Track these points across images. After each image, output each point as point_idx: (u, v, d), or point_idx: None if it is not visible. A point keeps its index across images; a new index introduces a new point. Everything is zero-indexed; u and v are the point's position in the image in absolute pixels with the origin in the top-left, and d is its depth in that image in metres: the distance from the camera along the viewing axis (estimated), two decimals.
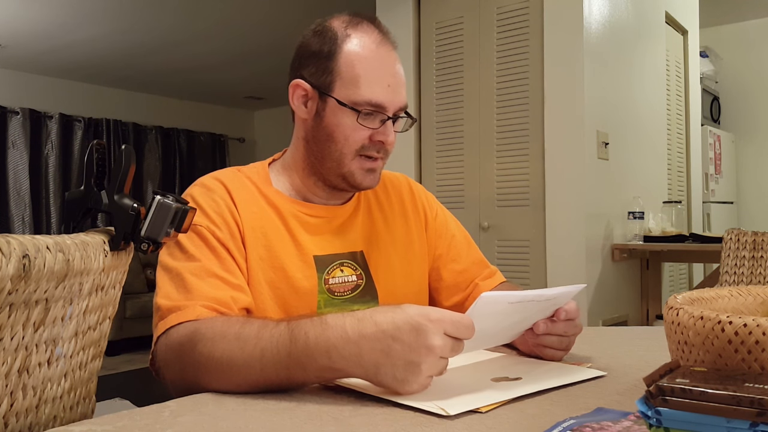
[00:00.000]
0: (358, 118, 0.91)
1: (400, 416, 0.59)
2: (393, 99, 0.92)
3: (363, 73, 0.91)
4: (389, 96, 0.91)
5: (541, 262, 2.81)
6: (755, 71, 4.83)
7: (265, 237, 0.90)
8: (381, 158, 0.94)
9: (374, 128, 0.92)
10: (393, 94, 0.92)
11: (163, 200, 0.62)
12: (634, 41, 3.20)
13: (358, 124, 0.91)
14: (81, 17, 4.24)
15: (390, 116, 0.92)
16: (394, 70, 0.93)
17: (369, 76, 0.91)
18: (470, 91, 3.04)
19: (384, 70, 0.92)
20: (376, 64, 0.92)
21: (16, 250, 0.51)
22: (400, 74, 0.95)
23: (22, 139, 5.43)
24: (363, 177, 0.93)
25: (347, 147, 0.92)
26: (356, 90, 0.90)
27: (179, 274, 0.83)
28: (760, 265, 1.95)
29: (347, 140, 0.92)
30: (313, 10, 4.22)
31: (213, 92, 6.40)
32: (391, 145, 0.93)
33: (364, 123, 0.91)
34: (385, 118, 0.92)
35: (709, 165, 4.26)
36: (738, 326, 0.50)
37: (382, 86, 0.91)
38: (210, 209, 0.88)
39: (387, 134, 0.92)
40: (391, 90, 0.92)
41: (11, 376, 0.55)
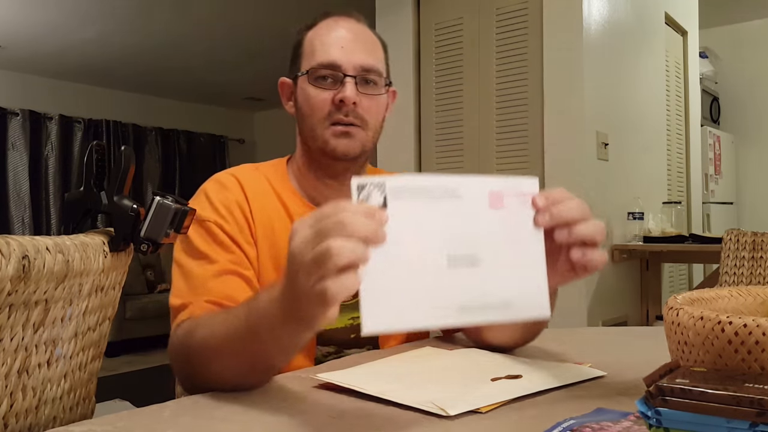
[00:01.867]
0: (316, 82, 0.93)
1: (400, 416, 0.59)
2: (348, 57, 0.92)
3: (318, 43, 0.95)
4: (343, 55, 0.92)
5: None
6: (755, 72, 4.83)
7: (273, 235, 0.92)
8: (354, 124, 0.93)
9: (334, 90, 0.92)
10: (348, 54, 0.93)
11: (162, 201, 0.62)
12: (634, 42, 3.20)
13: (317, 89, 0.93)
14: (80, 18, 4.24)
15: (348, 74, 0.92)
16: (350, 34, 0.95)
17: (323, 43, 0.94)
18: (470, 91, 3.04)
19: (337, 33, 0.94)
20: (331, 32, 0.95)
21: (15, 251, 0.51)
22: (359, 38, 0.95)
23: (21, 140, 5.43)
24: (336, 142, 0.93)
25: (315, 116, 0.93)
26: (312, 58, 0.94)
27: (188, 272, 0.85)
28: (760, 265, 1.95)
29: (313, 109, 0.93)
30: (312, 12, 4.21)
31: (213, 93, 6.40)
32: (349, 101, 0.91)
33: (323, 86, 0.93)
34: (342, 77, 0.92)
35: (709, 165, 4.26)
36: (738, 326, 0.50)
37: (335, 48, 0.93)
38: (219, 203, 0.90)
39: (343, 91, 0.91)
40: (346, 50, 0.93)
41: (11, 376, 0.55)
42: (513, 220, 0.62)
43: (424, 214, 0.58)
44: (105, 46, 4.82)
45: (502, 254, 0.62)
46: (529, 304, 0.63)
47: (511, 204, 0.62)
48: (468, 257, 0.59)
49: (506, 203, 0.62)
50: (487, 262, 0.60)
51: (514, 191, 0.63)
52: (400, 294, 0.56)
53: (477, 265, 0.60)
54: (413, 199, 0.57)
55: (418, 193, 0.58)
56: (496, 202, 0.62)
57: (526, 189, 0.64)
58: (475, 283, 0.60)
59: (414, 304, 0.56)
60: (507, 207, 0.62)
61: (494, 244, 0.61)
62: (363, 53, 0.94)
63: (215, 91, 6.29)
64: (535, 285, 0.63)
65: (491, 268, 0.60)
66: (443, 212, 0.59)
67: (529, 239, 0.63)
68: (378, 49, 0.98)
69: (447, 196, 0.59)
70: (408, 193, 0.57)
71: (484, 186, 0.62)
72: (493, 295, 0.61)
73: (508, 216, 0.62)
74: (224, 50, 4.95)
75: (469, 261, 0.60)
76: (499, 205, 0.62)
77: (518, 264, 0.62)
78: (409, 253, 0.57)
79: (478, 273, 0.60)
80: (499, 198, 0.62)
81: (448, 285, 0.58)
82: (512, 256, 0.62)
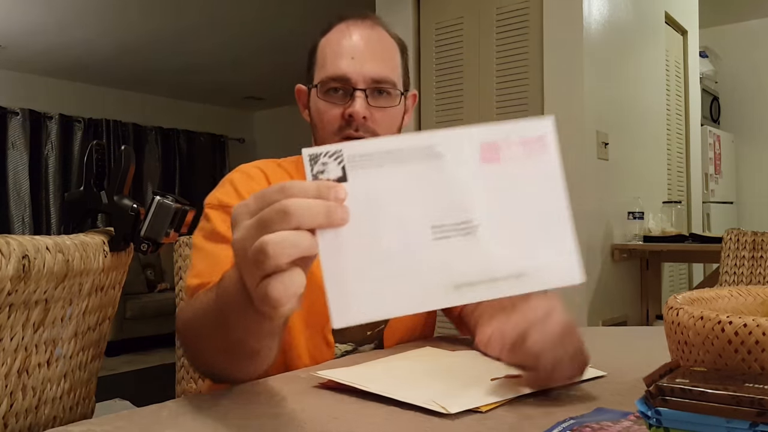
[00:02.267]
0: (326, 96, 0.91)
1: (401, 415, 0.59)
2: (359, 69, 0.90)
3: (329, 52, 0.92)
4: (353, 67, 0.90)
5: None
6: (755, 71, 4.83)
7: None
8: (365, 137, 0.89)
9: (344, 104, 0.90)
10: (358, 65, 0.90)
11: (162, 201, 0.62)
12: (634, 41, 3.20)
13: (328, 103, 0.91)
14: (80, 17, 4.24)
15: (358, 88, 0.90)
16: (362, 42, 0.92)
17: (333, 53, 0.91)
18: (470, 91, 3.04)
19: (348, 42, 0.91)
20: (342, 41, 0.92)
21: (15, 250, 0.51)
22: (371, 46, 0.92)
23: (21, 139, 5.42)
24: None
25: (326, 130, 0.92)
26: (323, 70, 0.92)
27: (209, 253, 0.85)
28: (760, 265, 1.95)
29: (324, 123, 0.92)
30: (313, 10, 4.22)
31: (213, 93, 6.40)
32: (358, 116, 0.89)
33: (333, 100, 0.91)
34: (351, 91, 0.90)
35: (709, 165, 4.26)
36: (738, 326, 0.50)
37: (345, 59, 0.90)
38: (245, 192, 0.91)
39: (353, 106, 0.89)
40: (356, 61, 0.90)
41: (11, 376, 0.55)
42: (518, 174, 0.51)
43: (395, 183, 0.48)
44: (105, 46, 4.82)
45: (507, 216, 0.50)
46: (551, 269, 0.51)
47: (513, 155, 0.51)
48: (459, 225, 0.49)
49: (506, 155, 0.51)
50: (486, 228, 0.49)
51: (517, 138, 0.51)
52: (374, 278, 0.48)
53: (473, 233, 0.49)
54: (380, 166, 0.48)
55: (386, 159, 0.48)
56: (490, 155, 0.50)
57: (533, 133, 0.52)
58: (472, 255, 0.49)
59: (394, 287, 0.48)
60: (508, 159, 0.51)
61: (494, 205, 0.50)
62: (375, 63, 0.91)
63: (215, 90, 6.29)
64: (557, 245, 0.51)
65: (493, 234, 0.49)
66: (420, 177, 0.49)
67: (545, 192, 0.51)
68: (393, 56, 0.95)
69: (422, 156, 0.49)
70: (372, 159, 0.48)
71: (471, 138, 0.50)
72: (500, 264, 0.50)
73: (510, 170, 0.51)
74: (224, 49, 4.95)
75: (462, 230, 0.49)
76: (495, 158, 0.51)
77: (531, 225, 0.51)
78: (381, 229, 0.48)
79: (475, 242, 0.49)
80: (494, 150, 0.51)
81: (436, 261, 0.48)
82: (522, 217, 0.51)
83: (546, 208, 0.51)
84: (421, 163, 0.49)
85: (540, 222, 0.51)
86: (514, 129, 0.51)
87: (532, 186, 0.51)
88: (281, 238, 0.44)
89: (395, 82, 0.93)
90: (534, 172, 0.51)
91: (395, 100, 0.93)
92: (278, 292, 0.44)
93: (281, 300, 0.44)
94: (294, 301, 0.45)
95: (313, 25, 1.05)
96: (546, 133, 0.52)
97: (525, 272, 0.50)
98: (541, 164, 0.52)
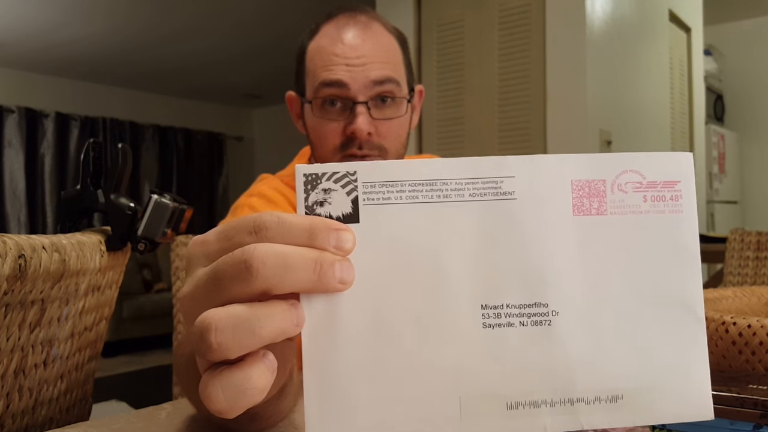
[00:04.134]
0: (323, 112, 0.81)
1: None
2: (356, 76, 0.79)
3: (320, 61, 0.81)
4: (349, 75, 0.79)
5: None
6: (759, 69, 4.81)
7: None
8: (371, 154, 0.80)
9: (343, 119, 0.80)
10: (355, 72, 0.79)
11: (159, 200, 0.62)
12: (638, 39, 3.18)
13: (324, 120, 0.81)
14: (77, 14, 4.24)
15: (358, 101, 0.79)
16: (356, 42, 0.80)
17: (325, 62, 0.80)
18: (472, 89, 3.03)
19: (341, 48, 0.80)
20: (335, 45, 0.80)
21: (11, 250, 0.51)
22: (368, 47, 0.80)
23: (17, 138, 5.42)
24: None
25: (325, 148, 0.82)
26: (315, 80, 0.81)
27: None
28: (765, 265, 1.94)
29: (322, 141, 0.82)
30: (312, 7, 4.22)
31: (211, 90, 6.39)
32: (362, 134, 0.78)
33: (331, 116, 0.80)
34: (351, 104, 0.79)
35: (713, 164, 4.24)
36: (742, 327, 0.50)
37: (340, 67, 0.79)
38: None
39: (354, 122, 0.79)
40: (352, 68, 0.79)
41: (7, 377, 0.55)
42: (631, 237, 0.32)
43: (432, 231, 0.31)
44: (101, 43, 4.82)
45: (606, 303, 0.32)
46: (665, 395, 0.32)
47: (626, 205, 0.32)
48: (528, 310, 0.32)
49: (615, 204, 0.32)
50: (570, 319, 0.32)
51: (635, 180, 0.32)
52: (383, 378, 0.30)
53: (547, 323, 0.31)
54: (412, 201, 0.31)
55: (421, 192, 0.31)
56: (588, 202, 0.32)
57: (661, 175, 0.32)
58: (542, 357, 0.31)
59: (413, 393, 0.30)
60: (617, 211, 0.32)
61: (587, 283, 0.32)
62: (374, 65, 0.80)
63: (213, 88, 6.28)
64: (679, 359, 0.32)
65: (580, 330, 0.32)
66: (473, 226, 0.31)
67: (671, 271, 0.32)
68: (394, 52, 0.84)
69: (481, 194, 0.31)
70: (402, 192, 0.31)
71: (560, 171, 0.32)
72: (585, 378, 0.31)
73: (618, 229, 0.32)
74: (222, 47, 4.95)
75: (532, 317, 0.31)
76: (598, 207, 0.32)
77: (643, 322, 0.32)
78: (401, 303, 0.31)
79: (550, 338, 0.31)
80: (595, 193, 0.32)
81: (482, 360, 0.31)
82: (629, 307, 0.32)
83: (669, 295, 0.32)
84: (478, 205, 0.31)
85: (657, 317, 0.32)
86: (632, 163, 0.32)
87: (650, 257, 0.32)
88: (233, 318, 0.27)
89: (399, 80, 0.83)
90: (656, 236, 0.32)
91: (402, 108, 0.83)
92: (217, 400, 0.28)
93: (221, 412, 0.28)
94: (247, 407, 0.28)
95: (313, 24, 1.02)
96: (683, 176, 0.32)
97: (624, 394, 0.32)
98: (669, 225, 0.32)
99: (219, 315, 0.28)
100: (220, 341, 0.27)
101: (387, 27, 0.87)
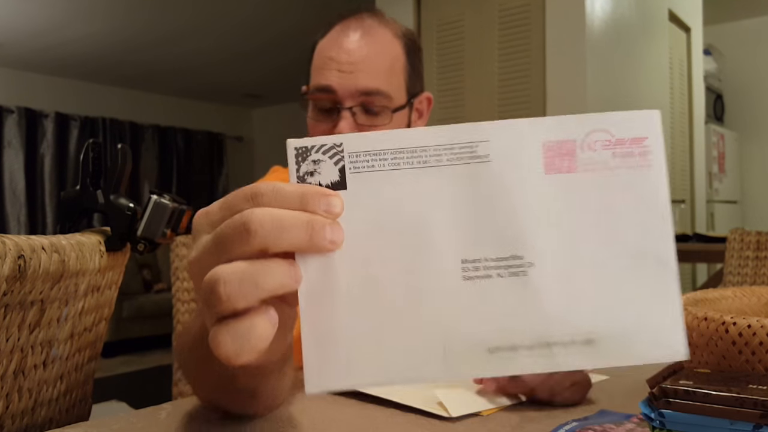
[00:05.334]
0: (315, 112, 0.85)
1: (401, 417, 0.58)
2: (344, 83, 0.82)
3: (319, 62, 0.85)
4: (339, 81, 0.82)
5: None
6: (759, 69, 4.81)
7: None
8: None
9: (331, 121, 0.84)
10: (344, 79, 0.82)
11: (159, 200, 0.62)
12: (637, 39, 3.18)
13: (315, 121, 0.85)
14: (77, 14, 4.24)
15: (344, 107, 0.82)
16: (354, 47, 0.83)
17: (322, 63, 0.84)
18: (472, 89, 3.03)
19: (337, 53, 0.83)
20: (332, 49, 0.84)
21: (11, 250, 0.51)
22: (364, 54, 0.83)
23: (17, 138, 5.43)
24: None
25: None
26: (313, 79, 0.85)
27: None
28: (764, 265, 1.94)
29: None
30: (312, 7, 4.22)
31: (210, 90, 6.40)
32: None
33: (321, 117, 0.85)
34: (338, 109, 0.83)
35: (713, 164, 4.25)
36: (742, 327, 0.50)
37: (333, 72, 0.82)
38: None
39: (339, 127, 0.82)
40: (343, 75, 0.82)
41: (6, 378, 0.55)
42: (601, 191, 0.34)
43: (415, 194, 0.34)
44: (101, 43, 4.82)
45: (579, 253, 0.34)
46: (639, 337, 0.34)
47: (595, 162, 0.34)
48: (504, 262, 0.34)
49: (585, 162, 0.34)
50: (544, 268, 0.34)
51: (604, 139, 0.34)
52: (374, 330, 0.33)
53: (523, 274, 0.34)
54: (395, 169, 0.34)
55: (404, 160, 0.34)
56: (560, 162, 0.34)
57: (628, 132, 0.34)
58: (520, 305, 0.34)
59: (402, 343, 0.33)
60: (588, 168, 0.34)
61: (560, 236, 0.34)
62: (364, 75, 0.82)
63: (213, 88, 6.28)
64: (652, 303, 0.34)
65: (554, 278, 0.34)
66: (452, 188, 0.34)
67: (641, 223, 0.34)
68: (391, 61, 0.85)
69: (457, 158, 0.34)
70: (385, 160, 0.34)
71: (532, 134, 0.34)
72: (560, 323, 0.34)
73: (589, 184, 0.34)
74: (222, 47, 4.95)
75: (508, 268, 0.34)
76: (568, 166, 0.34)
77: (615, 269, 0.34)
78: (388, 260, 0.33)
79: (526, 287, 0.34)
80: (567, 154, 0.34)
81: (464, 310, 0.33)
82: (601, 256, 0.34)
83: (641, 246, 0.34)
84: (455, 169, 0.34)
85: (629, 266, 0.34)
86: (600, 123, 0.34)
87: (621, 211, 0.34)
88: (239, 272, 0.31)
89: (389, 94, 0.84)
90: (626, 190, 0.34)
91: (386, 118, 0.84)
92: (226, 346, 0.31)
93: (229, 357, 0.31)
94: (253, 355, 0.32)
95: (313, 23, 1.03)
96: (650, 133, 0.34)
97: (597, 338, 0.34)
98: (638, 179, 0.34)
99: (226, 270, 0.32)
100: (228, 292, 0.31)
101: (396, 32, 0.88)
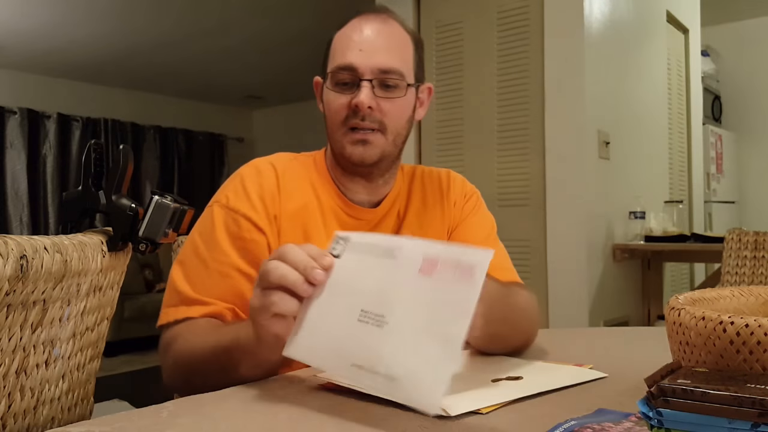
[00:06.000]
0: (335, 86, 0.93)
1: (402, 416, 0.59)
2: (365, 60, 0.91)
3: (339, 45, 0.94)
4: (360, 58, 0.91)
5: (542, 263, 2.80)
6: (756, 70, 4.82)
7: (303, 231, 0.93)
8: (371, 128, 0.92)
9: (351, 94, 0.92)
10: (366, 57, 0.91)
11: (161, 200, 0.62)
12: (635, 40, 3.19)
13: (336, 93, 0.93)
14: (79, 16, 4.24)
15: (364, 78, 0.91)
16: (372, 34, 0.93)
17: (343, 45, 0.94)
18: (470, 90, 3.03)
19: (359, 35, 0.93)
20: (353, 34, 0.94)
21: (13, 250, 0.51)
22: (381, 39, 0.94)
23: (19, 139, 5.42)
24: (352, 149, 0.93)
25: (335, 120, 0.94)
26: (333, 62, 0.94)
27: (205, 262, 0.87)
28: (762, 265, 1.95)
29: (332, 113, 0.94)
30: (313, 8, 4.22)
31: (212, 91, 6.40)
32: (363, 105, 0.91)
33: (341, 90, 0.93)
34: (358, 82, 0.91)
35: (711, 164, 4.25)
36: (740, 327, 0.50)
37: (354, 51, 0.92)
38: (253, 192, 0.91)
39: (358, 95, 0.91)
40: (364, 53, 0.92)
41: (9, 377, 0.55)
42: (440, 292, 0.55)
43: (364, 269, 0.61)
44: (103, 45, 4.82)
45: (411, 324, 0.56)
46: (416, 388, 0.54)
47: (444, 275, 0.55)
48: (377, 317, 0.58)
49: (439, 273, 0.56)
50: (392, 327, 0.57)
51: (451, 261, 0.55)
52: (319, 333, 0.61)
53: (382, 326, 0.57)
54: (363, 253, 0.62)
55: (369, 250, 0.62)
56: (428, 269, 0.57)
57: (467, 261, 0.55)
58: (372, 345, 0.57)
59: (325, 346, 0.61)
60: (439, 277, 0.56)
61: (407, 311, 0.56)
62: (382, 54, 0.93)
63: (214, 89, 6.29)
64: (433, 371, 0.53)
65: (393, 335, 0.56)
66: (379, 269, 0.60)
67: (453, 317, 0.54)
68: (403, 48, 0.96)
69: (383, 254, 0.60)
70: (363, 248, 0.62)
71: (420, 250, 0.58)
72: (384, 363, 0.56)
73: (436, 286, 0.56)
74: (223, 48, 4.95)
75: (377, 321, 0.58)
76: (430, 272, 0.56)
77: (427, 340, 0.54)
78: (338, 299, 0.61)
79: (380, 335, 0.57)
80: (432, 264, 0.56)
81: (351, 339, 0.59)
82: (424, 329, 0.55)
83: (447, 330, 0.54)
84: (381, 259, 0.61)
85: (436, 341, 0.54)
86: (453, 252, 0.56)
87: (446, 307, 0.55)
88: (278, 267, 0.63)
89: (403, 73, 0.94)
90: (453, 295, 0.54)
91: (402, 92, 0.94)
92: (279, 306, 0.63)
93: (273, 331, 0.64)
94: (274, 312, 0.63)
95: (314, 26, 1.05)
96: (478, 265, 0.54)
97: (397, 379, 0.55)
98: (462, 291, 0.54)
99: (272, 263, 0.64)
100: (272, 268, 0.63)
101: (406, 28, 1.00)
